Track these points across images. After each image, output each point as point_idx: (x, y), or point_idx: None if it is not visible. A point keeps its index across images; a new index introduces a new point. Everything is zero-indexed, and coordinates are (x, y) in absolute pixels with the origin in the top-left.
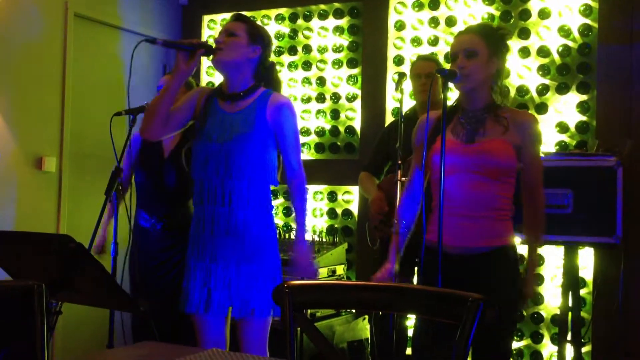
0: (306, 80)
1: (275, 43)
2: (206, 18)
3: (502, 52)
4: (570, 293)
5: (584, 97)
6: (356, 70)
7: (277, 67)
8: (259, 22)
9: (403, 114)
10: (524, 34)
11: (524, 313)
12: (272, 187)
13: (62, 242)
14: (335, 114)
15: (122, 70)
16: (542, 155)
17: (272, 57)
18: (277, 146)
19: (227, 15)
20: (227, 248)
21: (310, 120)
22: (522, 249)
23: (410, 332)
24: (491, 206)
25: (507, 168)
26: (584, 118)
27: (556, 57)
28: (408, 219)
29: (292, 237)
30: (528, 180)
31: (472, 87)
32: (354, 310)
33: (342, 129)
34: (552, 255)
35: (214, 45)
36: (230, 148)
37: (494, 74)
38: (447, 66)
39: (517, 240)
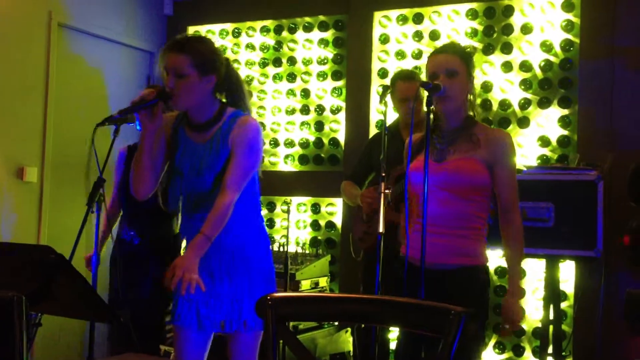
0: (290, 92)
1: (259, 55)
2: (191, 29)
3: (473, 70)
4: (551, 306)
5: (566, 112)
6: (340, 83)
7: (241, 73)
8: (196, 35)
9: (387, 126)
10: (507, 48)
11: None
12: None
13: (42, 253)
14: (319, 126)
15: (105, 81)
16: (523, 169)
17: (257, 69)
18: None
19: (213, 27)
20: (219, 265)
21: (294, 132)
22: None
23: (392, 345)
24: (460, 224)
25: (476, 186)
26: (566, 132)
27: (538, 72)
28: None
29: (276, 249)
30: (502, 198)
31: (454, 107)
32: (336, 323)
33: (326, 140)
34: (534, 268)
35: (166, 89)
36: (202, 182)
37: (470, 93)
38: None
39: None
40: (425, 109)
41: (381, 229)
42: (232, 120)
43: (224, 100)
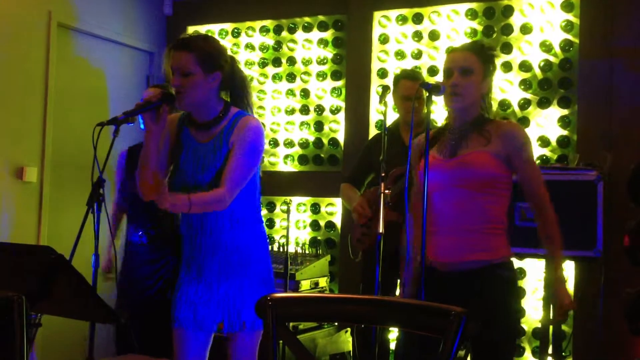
0: (290, 92)
1: (259, 55)
2: (191, 29)
3: (493, 72)
4: (551, 306)
5: (565, 112)
6: (340, 83)
7: (246, 74)
8: (201, 33)
9: (387, 127)
10: (506, 48)
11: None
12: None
13: (42, 254)
14: (319, 126)
15: (105, 81)
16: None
17: (256, 69)
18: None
19: (212, 27)
20: (216, 266)
21: (294, 132)
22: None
23: (392, 345)
24: (479, 220)
25: (489, 179)
26: (565, 132)
27: (538, 72)
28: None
29: (276, 249)
30: (527, 189)
31: (464, 106)
32: (336, 323)
33: (325, 141)
34: (533, 269)
35: (172, 91)
36: (205, 183)
37: (485, 93)
38: (430, 80)
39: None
40: (426, 109)
41: (381, 229)
42: (235, 121)
43: (228, 99)
